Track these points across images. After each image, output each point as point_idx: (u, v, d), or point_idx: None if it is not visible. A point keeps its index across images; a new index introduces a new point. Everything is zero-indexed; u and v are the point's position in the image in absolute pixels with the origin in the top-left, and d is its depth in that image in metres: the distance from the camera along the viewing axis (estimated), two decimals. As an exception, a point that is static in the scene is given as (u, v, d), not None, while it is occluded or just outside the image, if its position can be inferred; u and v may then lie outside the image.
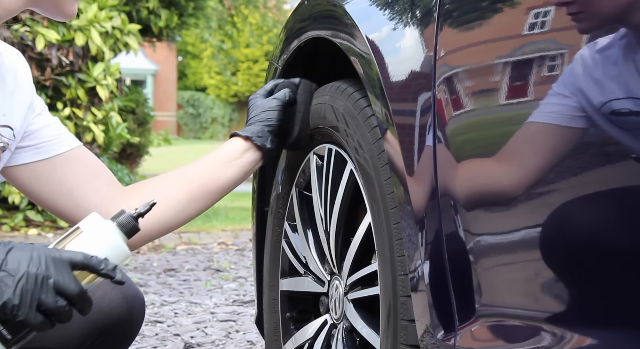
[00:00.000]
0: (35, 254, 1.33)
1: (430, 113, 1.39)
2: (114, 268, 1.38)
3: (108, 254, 1.41)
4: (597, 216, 1.15)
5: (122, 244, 1.44)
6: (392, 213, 1.48)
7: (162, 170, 14.97)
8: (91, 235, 1.42)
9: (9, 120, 1.56)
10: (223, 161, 1.73)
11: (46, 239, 5.69)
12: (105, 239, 1.42)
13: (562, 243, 1.20)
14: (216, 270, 4.90)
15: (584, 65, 1.13)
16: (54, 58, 5.69)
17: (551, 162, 1.20)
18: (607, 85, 1.10)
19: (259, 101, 1.82)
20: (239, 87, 28.48)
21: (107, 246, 1.42)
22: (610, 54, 1.10)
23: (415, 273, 1.41)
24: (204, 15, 8.27)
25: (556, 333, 1.21)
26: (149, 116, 8.41)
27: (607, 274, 1.15)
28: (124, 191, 1.71)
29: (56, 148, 1.65)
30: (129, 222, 1.44)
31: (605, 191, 1.14)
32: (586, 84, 1.12)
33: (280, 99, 1.80)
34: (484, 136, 1.34)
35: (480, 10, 1.35)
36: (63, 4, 1.55)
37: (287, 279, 1.92)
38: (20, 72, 1.62)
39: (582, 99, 1.13)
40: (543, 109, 1.20)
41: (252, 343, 3.07)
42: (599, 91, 1.10)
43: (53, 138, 1.65)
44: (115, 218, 1.45)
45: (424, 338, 1.40)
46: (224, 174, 1.72)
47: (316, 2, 1.84)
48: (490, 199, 1.31)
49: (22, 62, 1.64)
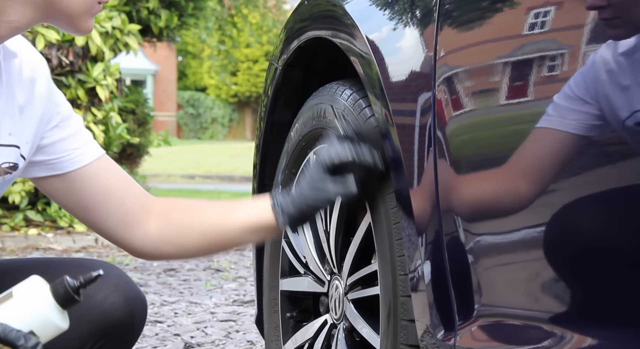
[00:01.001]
0: None
1: (430, 113, 1.39)
2: (34, 346, 1.27)
3: (34, 328, 1.30)
4: (597, 216, 1.15)
5: (52, 318, 1.31)
6: (392, 213, 1.48)
7: (163, 170, 14.98)
8: (20, 304, 1.31)
9: (16, 139, 1.49)
10: (249, 229, 1.60)
11: (46, 239, 5.69)
12: (33, 312, 1.30)
13: (562, 243, 1.20)
14: (216, 270, 4.89)
15: (600, 68, 1.13)
16: (53, 58, 5.69)
17: (551, 164, 1.20)
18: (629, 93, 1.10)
19: (320, 176, 1.54)
20: (239, 87, 28.48)
21: (34, 318, 1.30)
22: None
23: (415, 273, 1.41)
24: (203, 16, 8.27)
25: (556, 333, 1.21)
26: (149, 116, 8.40)
27: (607, 274, 1.15)
28: (147, 211, 1.60)
29: (69, 165, 1.57)
30: (67, 293, 1.31)
31: (606, 191, 1.14)
32: (609, 90, 1.12)
33: (339, 195, 1.53)
34: (484, 136, 1.34)
35: (480, 10, 1.35)
36: (77, 20, 1.45)
37: (287, 279, 1.92)
38: (38, 82, 1.52)
39: (603, 104, 1.13)
40: (543, 111, 1.20)
41: (252, 343, 3.07)
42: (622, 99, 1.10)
43: (67, 153, 1.56)
44: (54, 286, 1.32)
45: (424, 338, 1.40)
46: (241, 239, 1.63)
47: (316, 2, 1.84)
48: (490, 199, 1.31)
49: (42, 69, 1.55)
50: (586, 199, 1.17)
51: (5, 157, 1.48)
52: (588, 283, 1.17)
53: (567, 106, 1.16)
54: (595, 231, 1.16)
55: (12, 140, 1.48)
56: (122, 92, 6.61)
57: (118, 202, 1.59)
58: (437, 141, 1.38)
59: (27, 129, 1.51)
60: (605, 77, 1.10)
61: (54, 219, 5.99)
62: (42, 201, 6.00)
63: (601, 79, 1.11)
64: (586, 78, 1.13)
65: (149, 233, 1.59)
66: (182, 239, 1.61)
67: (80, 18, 1.45)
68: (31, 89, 1.51)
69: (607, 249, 1.14)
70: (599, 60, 1.12)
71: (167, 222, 1.60)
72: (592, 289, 1.17)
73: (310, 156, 1.83)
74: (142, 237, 1.59)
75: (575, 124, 1.15)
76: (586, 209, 1.16)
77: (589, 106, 1.13)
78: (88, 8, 1.45)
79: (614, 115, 1.10)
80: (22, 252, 5.36)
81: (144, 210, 1.60)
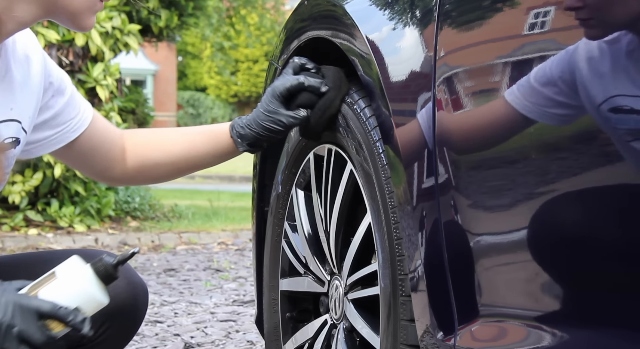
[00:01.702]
0: (4, 301, 1.34)
1: (430, 113, 1.39)
2: (82, 320, 1.38)
3: (80, 304, 1.39)
4: (597, 217, 1.15)
5: (95, 294, 1.41)
6: (392, 213, 1.48)
7: (162, 170, 14.98)
8: (64, 283, 1.40)
9: (17, 114, 1.55)
10: (210, 155, 1.79)
11: (46, 239, 5.69)
12: (77, 289, 1.40)
13: (561, 243, 1.20)
14: (216, 270, 4.89)
15: (584, 64, 1.13)
16: (54, 58, 5.69)
17: (551, 162, 1.20)
18: (608, 83, 1.10)
19: (275, 103, 1.68)
20: (239, 87, 28.48)
21: (79, 295, 1.40)
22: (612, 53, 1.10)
23: (415, 273, 1.41)
24: (204, 15, 8.26)
25: (556, 333, 1.21)
26: (149, 116, 8.39)
27: (607, 274, 1.15)
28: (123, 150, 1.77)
29: (71, 135, 1.69)
30: (107, 271, 1.42)
31: (606, 191, 1.14)
32: (588, 82, 1.12)
33: (291, 124, 1.69)
34: (483, 135, 1.34)
35: (480, 10, 1.35)
36: (79, 17, 1.51)
37: (287, 279, 1.92)
38: (32, 58, 1.59)
39: (584, 97, 1.13)
40: (542, 109, 1.20)
41: (252, 343, 3.07)
42: (600, 89, 1.10)
43: (67, 124, 1.68)
44: (93, 264, 1.42)
45: (424, 338, 1.40)
46: (207, 163, 1.82)
47: (316, 2, 1.84)
48: (490, 199, 1.31)
49: (34, 45, 1.61)
50: (587, 198, 1.16)
51: (8, 132, 1.54)
52: (588, 283, 1.17)
53: (535, 88, 1.18)
54: (596, 231, 1.16)
55: (14, 114, 1.55)
56: (122, 92, 6.61)
57: (106, 149, 1.75)
58: (437, 141, 1.38)
59: (26, 103, 1.58)
60: (584, 64, 1.11)
61: (54, 219, 5.99)
62: (42, 201, 6.00)
63: (579, 65, 1.12)
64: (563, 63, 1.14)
65: (127, 168, 1.78)
66: (154, 172, 1.81)
67: (82, 15, 1.51)
68: (27, 65, 1.58)
69: (607, 250, 1.14)
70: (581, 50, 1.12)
71: (140, 159, 1.78)
72: (592, 289, 1.17)
73: (310, 156, 1.83)
74: (120, 173, 1.77)
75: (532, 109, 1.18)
76: (587, 209, 1.16)
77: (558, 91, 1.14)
78: (90, 5, 1.51)
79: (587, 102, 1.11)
80: (22, 252, 5.37)
81: (121, 150, 1.77)
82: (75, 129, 1.69)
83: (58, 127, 1.67)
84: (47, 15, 1.50)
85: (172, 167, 1.79)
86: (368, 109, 1.58)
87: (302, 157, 1.86)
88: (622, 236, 1.12)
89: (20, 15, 1.47)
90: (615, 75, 1.08)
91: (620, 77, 1.08)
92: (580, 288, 1.19)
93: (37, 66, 1.60)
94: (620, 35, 1.09)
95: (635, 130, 1.06)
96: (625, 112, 1.07)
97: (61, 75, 1.67)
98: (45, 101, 1.63)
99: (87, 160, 1.75)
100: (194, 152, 1.78)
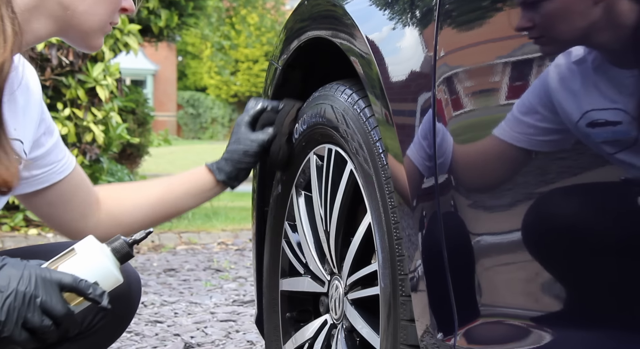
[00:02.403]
0: (26, 273, 1.37)
1: (430, 113, 1.39)
2: (102, 293, 1.42)
3: (98, 279, 1.44)
4: (597, 217, 1.15)
5: (113, 270, 1.46)
6: (392, 213, 1.48)
7: (163, 170, 14.99)
8: (84, 258, 1.44)
9: (21, 134, 1.60)
10: (189, 194, 1.84)
11: (46, 239, 5.69)
12: (97, 264, 1.45)
13: (562, 243, 1.20)
14: (216, 270, 4.89)
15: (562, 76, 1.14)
16: (54, 58, 5.69)
17: (550, 162, 1.20)
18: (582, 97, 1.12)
19: (243, 131, 1.85)
20: (239, 87, 28.48)
21: (98, 270, 1.44)
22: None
23: (415, 273, 1.41)
24: (203, 14, 8.27)
25: (556, 333, 1.21)
26: (149, 116, 8.40)
27: (607, 274, 1.15)
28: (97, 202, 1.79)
29: (54, 176, 1.73)
30: (123, 249, 1.48)
31: (606, 192, 1.14)
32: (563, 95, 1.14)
33: (260, 142, 1.84)
34: (483, 136, 1.34)
35: (480, 10, 1.35)
36: (89, 37, 1.61)
37: (287, 279, 1.92)
38: (32, 90, 1.66)
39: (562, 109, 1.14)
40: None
41: (252, 343, 3.07)
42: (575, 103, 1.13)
43: (53, 166, 1.72)
44: (110, 243, 1.48)
45: (424, 338, 1.40)
46: (187, 204, 1.85)
47: (316, 2, 1.84)
48: (490, 199, 1.31)
49: (36, 80, 1.69)
50: (587, 199, 1.17)
51: None
52: (588, 283, 1.18)
53: (519, 118, 1.21)
54: (596, 231, 1.16)
55: (17, 135, 1.59)
56: (122, 92, 6.61)
57: (82, 197, 1.77)
58: (437, 141, 1.38)
59: (27, 128, 1.63)
60: (556, 84, 1.15)
61: (54, 219, 5.98)
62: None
63: (552, 86, 1.15)
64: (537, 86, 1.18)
65: (100, 220, 1.79)
66: (131, 220, 1.80)
67: (93, 35, 1.61)
68: (28, 94, 1.65)
69: (608, 250, 1.14)
70: (552, 68, 1.15)
71: (115, 206, 1.80)
72: (592, 289, 1.17)
73: (310, 156, 1.83)
74: (94, 226, 1.77)
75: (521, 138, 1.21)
76: (587, 209, 1.17)
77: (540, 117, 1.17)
78: (101, 27, 1.60)
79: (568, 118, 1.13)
80: (22, 252, 5.36)
81: (95, 201, 1.80)
82: (60, 171, 1.73)
83: (45, 167, 1.71)
84: (61, 32, 1.58)
85: (148, 210, 1.81)
86: (368, 109, 1.58)
87: (302, 157, 1.86)
88: (621, 237, 1.12)
89: (36, 28, 1.55)
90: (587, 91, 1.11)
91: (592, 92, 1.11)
92: (580, 288, 1.19)
93: (36, 98, 1.67)
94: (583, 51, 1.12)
95: (614, 140, 1.07)
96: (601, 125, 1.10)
97: (50, 118, 1.73)
98: (38, 135, 1.68)
99: (64, 205, 1.76)
100: (170, 193, 1.82)
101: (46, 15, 1.55)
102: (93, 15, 1.58)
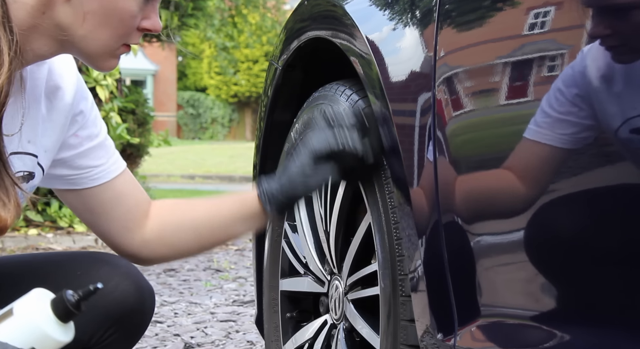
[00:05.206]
0: None
1: (430, 113, 1.39)
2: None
3: (36, 344, 1.34)
4: (597, 218, 1.15)
5: (52, 333, 1.35)
6: (392, 213, 1.48)
7: (163, 170, 14.98)
8: (21, 321, 1.34)
9: (34, 147, 1.50)
10: (239, 219, 1.65)
11: (46, 239, 5.69)
12: (33, 328, 1.34)
13: (561, 244, 1.20)
14: (216, 270, 4.90)
15: (594, 72, 1.13)
16: (53, 58, 5.69)
17: (551, 164, 1.20)
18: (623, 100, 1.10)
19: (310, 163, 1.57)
20: (239, 87, 28.48)
21: (35, 335, 1.34)
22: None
23: (415, 273, 1.41)
24: (204, 15, 8.26)
25: (556, 333, 1.21)
26: (149, 116, 8.39)
27: (607, 274, 1.15)
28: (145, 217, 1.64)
29: (88, 182, 1.60)
30: (65, 308, 1.35)
31: (606, 193, 1.14)
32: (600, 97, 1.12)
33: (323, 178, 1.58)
34: (484, 136, 1.34)
35: (480, 10, 1.35)
36: (95, 60, 1.48)
37: (287, 279, 1.92)
38: (63, 90, 1.55)
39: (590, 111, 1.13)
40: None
41: (252, 343, 3.07)
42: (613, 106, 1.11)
43: (87, 170, 1.60)
44: (54, 302, 1.36)
45: (424, 338, 1.40)
46: (236, 231, 1.67)
47: (316, 2, 1.84)
48: (490, 199, 1.31)
49: (70, 74, 1.57)
50: (587, 200, 1.17)
51: (21, 165, 1.49)
52: (588, 283, 1.18)
53: (557, 117, 1.17)
54: (596, 232, 1.16)
55: (30, 148, 1.50)
56: (122, 92, 6.61)
57: (126, 210, 1.63)
58: (437, 141, 1.38)
59: (47, 137, 1.53)
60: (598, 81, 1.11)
61: (54, 219, 5.99)
62: (41, 202, 6.00)
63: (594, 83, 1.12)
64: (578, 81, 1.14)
65: (146, 237, 1.63)
66: (176, 240, 1.64)
67: (99, 58, 1.47)
68: (54, 96, 1.53)
69: (608, 250, 1.14)
70: (593, 63, 1.12)
71: (161, 225, 1.64)
72: (592, 289, 1.17)
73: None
74: (139, 242, 1.63)
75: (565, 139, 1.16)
76: (586, 210, 1.17)
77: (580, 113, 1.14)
78: (107, 51, 1.46)
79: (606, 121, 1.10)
80: (22, 252, 5.36)
81: (144, 215, 1.64)
82: (95, 178, 1.60)
83: (78, 169, 1.59)
84: (65, 51, 1.47)
85: (193, 233, 1.65)
86: (368, 109, 1.58)
87: (302, 158, 1.86)
88: (621, 236, 1.12)
89: (37, 47, 1.44)
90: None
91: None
92: (580, 288, 1.19)
93: (67, 97, 1.55)
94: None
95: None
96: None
97: (94, 118, 1.61)
98: (66, 136, 1.57)
99: (105, 215, 1.62)
100: (217, 215, 1.65)
101: (46, 35, 1.43)
102: (94, 40, 1.44)
